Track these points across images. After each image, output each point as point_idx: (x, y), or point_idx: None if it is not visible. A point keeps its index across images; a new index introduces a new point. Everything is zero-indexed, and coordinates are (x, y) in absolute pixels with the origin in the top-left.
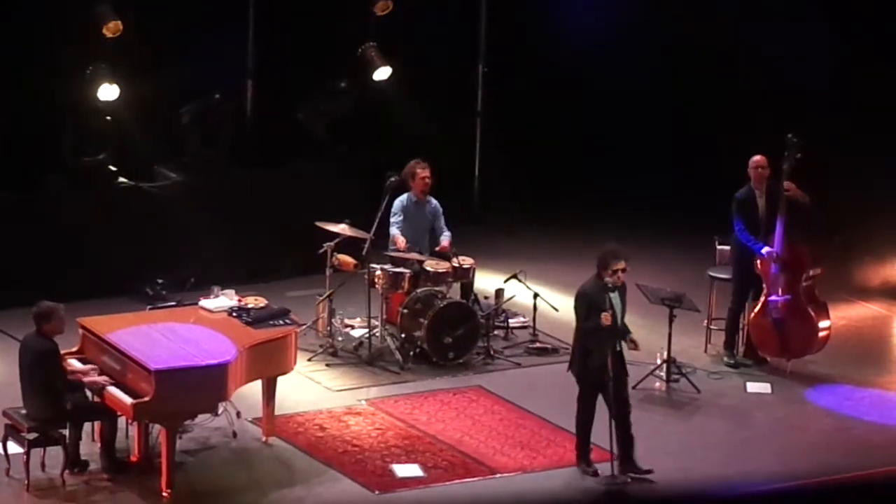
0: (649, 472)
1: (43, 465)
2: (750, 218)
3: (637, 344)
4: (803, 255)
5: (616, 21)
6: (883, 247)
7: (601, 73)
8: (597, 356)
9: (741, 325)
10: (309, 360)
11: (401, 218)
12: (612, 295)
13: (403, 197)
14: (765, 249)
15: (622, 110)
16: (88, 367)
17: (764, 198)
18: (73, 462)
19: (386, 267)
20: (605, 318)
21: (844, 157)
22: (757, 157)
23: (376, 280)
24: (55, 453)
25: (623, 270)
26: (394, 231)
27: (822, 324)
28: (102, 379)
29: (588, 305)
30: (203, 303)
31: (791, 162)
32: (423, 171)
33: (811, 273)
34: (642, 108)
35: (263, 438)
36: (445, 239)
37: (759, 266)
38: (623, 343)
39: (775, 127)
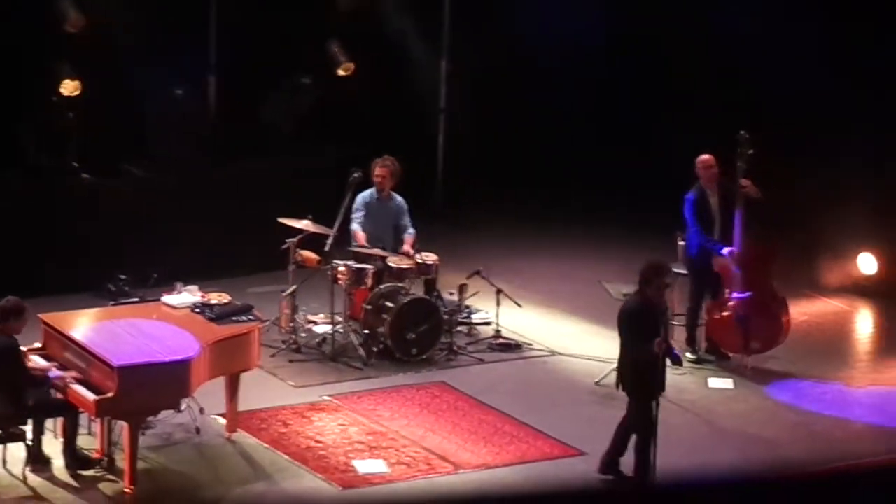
0: (629, 478)
1: (4, 462)
2: (703, 218)
3: (673, 354)
4: (762, 251)
5: (579, 17)
6: (844, 242)
7: (564, 69)
8: (650, 375)
9: (700, 322)
10: (272, 356)
11: (363, 214)
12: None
13: (367, 193)
14: (726, 250)
15: (585, 106)
16: (50, 364)
17: (716, 196)
18: (36, 458)
19: (349, 263)
20: (658, 345)
21: (805, 153)
22: (705, 157)
23: (339, 276)
24: (17, 450)
25: (667, 286)
26: (354, 227)
27: (784, 318)
28: (70, 374)
29: (637, 327)
30: (166, 299)
31: (745, 159)
32: (379, 170)
33: (770, 269)
34: (605, 104)
35: (227, 434)
36: (409, 237)
37: (718, 264)
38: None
39: (733, 122)
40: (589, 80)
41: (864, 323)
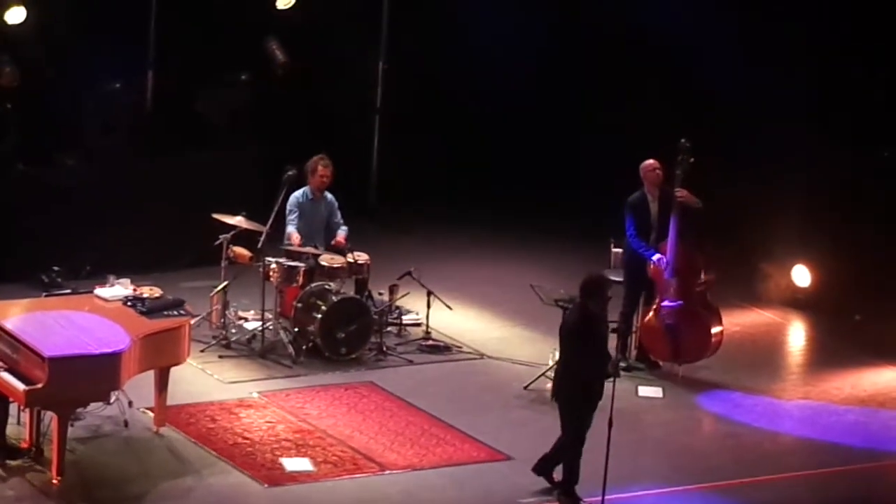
0: (557, 486)
1: None
2: (641, 222)
3: (618, 371)
4: (696, 261)
5: (517, 21)
6: (778, 254)
7: (501, 73)
8: (594, 385)
9: (633, 329)
10: (202, 351)
11: (297, 214)
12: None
13: (299, 192)
14: (655, 257)
15: (521, 111)
16: None
17: (656, 202)
18: None
19: (281, 260)
20: (612, 365)
21: (741, 163)
22: (650, 161)
23: (271, 273)
24: None
25: (609, 299)
26: (290, 229)
27: (715, 329)
28: None
29: (580, 342)
30: (98, 291)
31: (684, 167)
32: (323, 170)
33: (704, 279)
34: (541, 109)
35: (155, 428)
36: (342, 234)
37: (651, 271)
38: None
39: (672, 129)
40: (524, 85)
41: (796, 335)
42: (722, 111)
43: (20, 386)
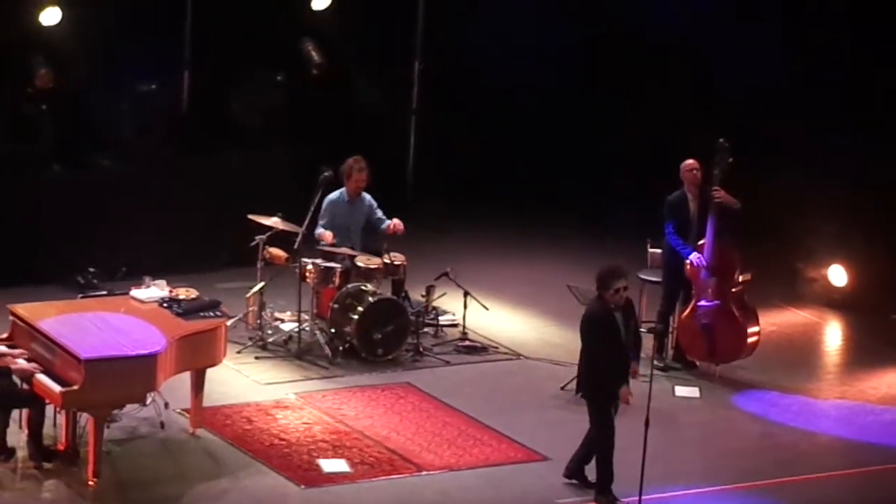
0: (592, 485)
1: None
2: (681, 221)
3: (637, 372)
4: (733, 260)
5: (552, 20)
6: (815, 254)
7: (537, 72)
8: (612, 378)
9: (671, 329)
10: (238, 352)
11: (327, 219)
12: (616, 315)
13: (335, 194)
14: (693, 256)
15: (556, 110)
16: (18, 351)
17: (696, 202)
18: (0, 449)
19: (317, 261)
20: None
21: (778, 163)
22: (690, 161)
23: (307, 274)
24: None
25: (625, 289)
26: (319, 230)
27: (751, 329)
28: (31, 366)
29: (598, 331)
30: (134, 293)
31: (722, 167)
32: (358, 174)
33: (741, 279)
34: (576, 108)
35: (191, 430)
36: (393, 220)
37: (688, 270)
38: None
39: (708, 130)
40: (558, 84)
41: (833, 335)
42: (759, 111)
43: (56, 388)
